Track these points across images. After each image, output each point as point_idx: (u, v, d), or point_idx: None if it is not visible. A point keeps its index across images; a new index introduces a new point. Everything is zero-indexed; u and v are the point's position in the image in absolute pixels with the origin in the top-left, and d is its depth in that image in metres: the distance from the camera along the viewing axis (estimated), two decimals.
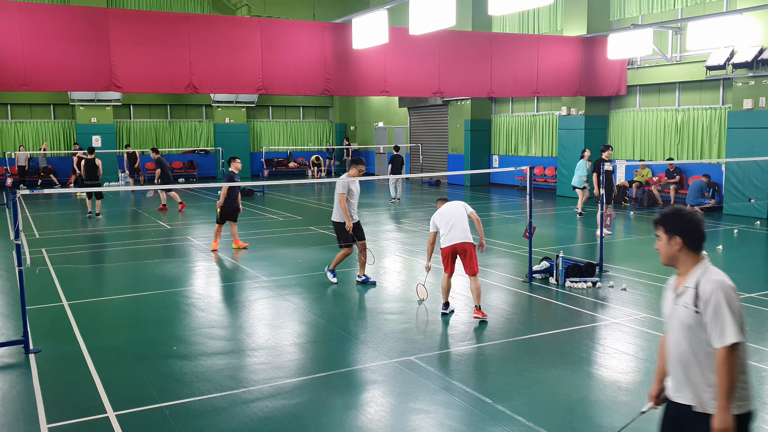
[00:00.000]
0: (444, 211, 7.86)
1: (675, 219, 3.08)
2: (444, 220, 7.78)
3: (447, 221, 7.74)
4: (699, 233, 3.08)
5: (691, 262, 3.08)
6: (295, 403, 5.44)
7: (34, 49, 12.84)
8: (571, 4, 20.02)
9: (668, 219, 3.09)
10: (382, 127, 31.33)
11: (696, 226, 3.07)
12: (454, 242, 7.64)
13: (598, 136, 20.34)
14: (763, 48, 15.21)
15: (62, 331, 7.40)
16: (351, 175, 9.30)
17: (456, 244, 7.63)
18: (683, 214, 3.09)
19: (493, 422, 4.99)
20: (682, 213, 3.09)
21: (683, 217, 3.07)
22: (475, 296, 7.64)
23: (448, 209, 7.85)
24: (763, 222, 14.87)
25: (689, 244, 3.06)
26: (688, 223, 3.06)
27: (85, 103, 26.93)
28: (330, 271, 9.59)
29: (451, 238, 7.66)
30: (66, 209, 19.34)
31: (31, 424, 5.07)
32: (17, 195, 6.39)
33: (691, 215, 3.09)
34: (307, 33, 15.51)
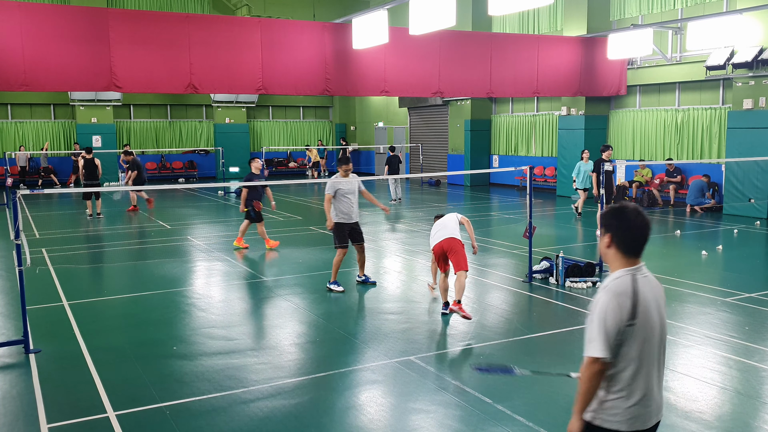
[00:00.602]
0: (436, 224, 8.12)
1: (612, 216, 2.90)
2: (435, 229, 8.01)
3: (437, 230, 7.96)
4: (631, 236, 2.85)
5: (618, 264, 2.90)
6: (295, 403, 5.44)
7: (34, 49, 12.84)
8: (571, 4, 20.02)
9: (607, 214, 2.92)
10: (382, 127, 31.33)
11: (629, 227, 2.85)
12: (440, 240, 7.75)
13: (598, 136, 20.34)
14: (763, 48, 15.21)
15: (62, 331, 7.40)
16: (340, 175, 9.16)
17: (442, 241, 7.72)
18: (621, 212, 2.88)
19: (493, 422, 4.99)
20: (619, 211, 2.88)
21: (620, 215, 2.87)
22: (456, 290, 7.45)
23: (440, 221, 8.10)
24: (763, 222, 14.87)
25: (619, 245, 2.87)
26: (622, 223, 2.86)
27: (85, 103, 26.93)
28: (333, 283, 9.15)
29: (438, 238, 7.81)
30: (66, 209, 19.34)
31: (31, 424, 5.07)
32: (17, 195, 6.39)
33: (629, 215, 2.86)
34: (307, 33, 15.51)
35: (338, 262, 9.08)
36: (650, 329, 2.86)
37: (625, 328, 2.79)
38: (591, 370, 2.84)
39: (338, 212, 9.00)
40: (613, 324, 2.78)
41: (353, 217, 9.07)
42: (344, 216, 9.01)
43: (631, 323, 2.79)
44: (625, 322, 2.78)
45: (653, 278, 2.97)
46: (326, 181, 10.00)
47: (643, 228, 2.87)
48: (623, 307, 2.78)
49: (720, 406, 5.27)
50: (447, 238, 7.70)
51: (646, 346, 2.85)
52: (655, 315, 2.89)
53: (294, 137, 32.29)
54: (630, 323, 2.79)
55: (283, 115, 32.48)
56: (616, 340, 2.80)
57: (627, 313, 2.78)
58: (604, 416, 2.90)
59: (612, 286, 2.84)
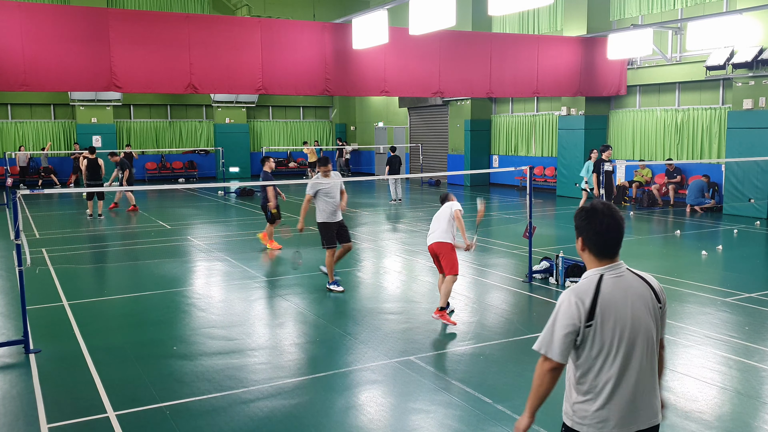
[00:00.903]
0: (433, 218, 7.89)
1: (581, 218, 2.84)
2: (432, 224, 7.79)
3: (432, 226, 7.73)
4: (601, 238, 2.79)
5: (591, 265, 2.85)
6: (295, 403, 5.44)
7: (34, 49, 12.84)
8: (571, 4, 20.02)
9: (577, 216, 2.86)
10: (382, 128, 31.33)
11: (598, 230, 2.79)
12: (430, 243, 7.61)
13: (598, 136, 20.34)
14: (763, 48, 15.21)
15: (62, 331, 7.40)
16: (321, 174, 9.11)
17: (432, 244, 7.57)
18: (590, 214, 2.82)
19: (493, 422, 4.99)
20: (589, 212, 2.82)
21: (589, 217, 2.81)
22: (441, 296, 7.41)
23: (435, 216, 7.80)
24: (763, 222, 14.87)
25: (590, 247, 2.82)
26: (592, 225, 2.80)
27: (85, 103, 26.93)
28: (332, 284, 9.10)
29: (429, 239, 7.65)
30: (66, 209, 19.34)
31: (31, 424, 5.07)
32: (17, 195, 6.40)
33: (598, 217, 2.79)
34: (307, 33, 15.51)
35: (330, 262, 9.04)
36: (620, 330, 2.74)
37: (583, 329, 2.73)
38: (540, 368, 2.87)
39: (322, 212, 8.96)
40: (563, 324, 2.74)
41: (338, 216, 9.05)
42: (329, 215, 8.97)
43: (588, 324, 2.72)
44: (581, 322, 2.72)
45: (632, 277, 2.86)
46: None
47: (613, 230, 2.79)
48: (579, 308, 2.73)
49: (720, 406, 5.27)
50: (434, 242, 7.51)
51: (616, 348, 2.74)
52: (627, 315, 2.76)
53: (294, 137, 32.28)
54: (588, 324, 2.72)
55: (283, 115, 32.49)
56: (567, 340, 2.74)
57: (584, 313, 2.72)
58: (575, 419, 2.88)
59: (575, 286, 2.81)
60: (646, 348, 2.80)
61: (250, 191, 22.42)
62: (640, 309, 2.80)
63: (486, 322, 7.65)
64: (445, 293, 7.35)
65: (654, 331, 2.83)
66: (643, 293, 2.85)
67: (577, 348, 2.78)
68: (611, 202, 13.47)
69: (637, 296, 2.82)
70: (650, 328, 2.82)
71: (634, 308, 2.79)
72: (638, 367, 2.78)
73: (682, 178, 18.21)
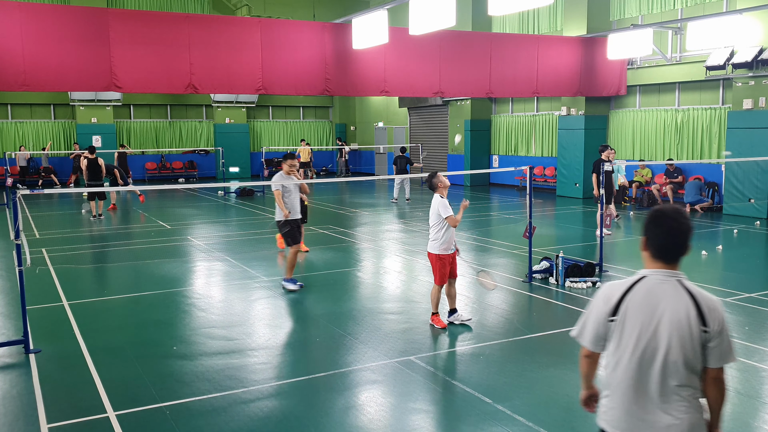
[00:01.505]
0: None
1: (649, 219, 2.81)
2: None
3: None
4: (661, 242, 2.75)
5: (645, 265, 2.84)
6: (295, 403, 5.44)
7: (34, 49, 12.83)
8: (571, 4, 20.02)
9: (647, 216, 2.85)
10: (382, 128, 31.32)
11: (660, 233, 2.75)
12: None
13: (598, 136, 20.34)
14: (763, 48, 15.21)
15: (62, 331, 7.40)
16: (284, 172, 9.23)
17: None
18: (657, 216, 2.78)
19: (493, 422, 4.99)
20: (656, 215, 2.78)
21: (655, 219, 2.78)
22: (431, 302, 7.46)
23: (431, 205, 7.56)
24: (763, 222, 14.87)
25: (650, 248, 2.79)
26: (656, 228, 2.76)
27: (85, 103, 26.93)
28: (288, 281, 9.09)
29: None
30: (66, 209, 19.34)
31: (31, 424, 5.07)
32: (17, 195, 6.40)
33: (664, 220, 2.74)
34: (307, 33, 15.51)
35: (291, 259, 9.07)
36: (637, 336, 2.70)
37: (607, 322, 2.78)
38: (580, 354, 2.99)
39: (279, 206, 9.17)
40: (593, 313, 2.84)
41: (297, 214, 9.27)
42: (292, 212, 9.17)
43: (611, 319, 2.77)
44: (606, 315, 2.78)
45: (678, 290, 2.71)
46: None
47: (674, 235, 2.71)
48: (609, 301, 2.78)
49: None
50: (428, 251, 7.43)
51: (630, 353, 2.72)
52: (651, 325, 2.68)
53: (294, 137, 32.28)
54: (611, 318, 2.77)
55: (283, 115, 32.48)
56: (595, 328, 2.83)
57: (610, 307, 2.76)
58: (600, 410, 2.96)
59: (616, 281, 2.86)
60: (670, 369, 2.68)
61: (250, 191, 22.42)
62: (668, 325, 2.67)
63: (486, 322, 7.65)
64: (431, 299, 7.44)
65: (680, 353, 2.66)
66: (680, 310, 2.68)
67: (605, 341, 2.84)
68: (611, 202, 13.48)
69: (671, 311, 2.68)
70: (674, 347, 2.66)
71: (662, 322, 2.68)
72: (655, 381, 2.70)
73: (683, 178, 18.21)
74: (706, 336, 2.66)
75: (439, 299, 7.41)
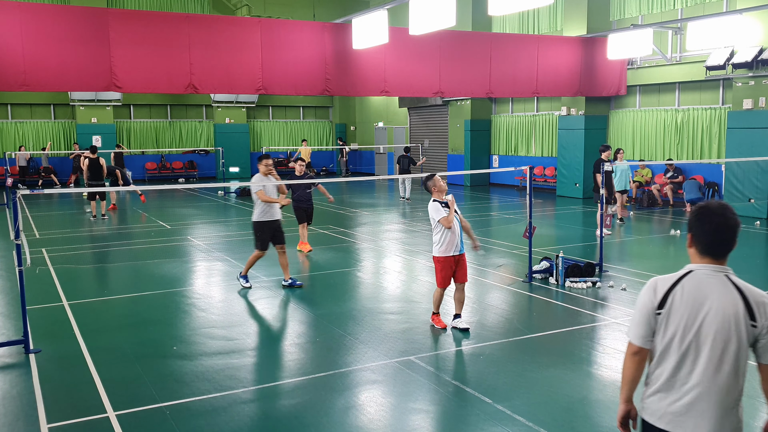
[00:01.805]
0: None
1: (693, 214, 2.82)
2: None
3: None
4: (704, 236, 2.75)
5: (692, 261, 2.86)
6: (295, 403, 5.44)
7: (34, 49, 12.83)
8: (571, 4, 20.02)
9: (691, 213, 2.85)
10: (382, 128, 31.32)
11: (706, 229, 2.74)
12: None
13: (598, 136, 20.34)
14: (763, 48, 15.21)
15: (62, 331, 7.40)
16: (261, 173, 9.27)
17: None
18: (702, 211, 2.78)
19: (493, 422, 4.99)
20: (701, 210, 2.79)
21: (700, 215, 2.78)
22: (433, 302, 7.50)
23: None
24: (763, 222, 14.87)
25: (696, 245, 2.80)
26: (701, 223, 2.76)
27: (85, 103, 26.93)
28: (242, 277, 9.34)
29: None
30: (66, 209, 19.34)
31: (31, 424, 5.07)
32: (17, 195, 6.40)
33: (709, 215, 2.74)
34: (307, 33, 15.51)
35: (253, 259, 9.23)
36: (683, 329, 2.70)
37: (654, 315, 2.76)
38: (627, 353, 2.89)
39: (261, 211, 9.11)
40: (641, 307, 2.81)
41: (276, 215, 9.22)
42: (264, 215, 9.10)
43: (658, 312, 2.75)
44: (653, 308, 2.76)
45: (726, 285, 2.72)
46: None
47: (721, 231, 2.71)
48: (656, 294, 2.77)
49: None
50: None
51: (678, 345, 2.72)
52: (698, 318, 2.68)
53: (294, 137, 32.28)
54: (658, 311, 2.75)
55: (283, 115, 32.49)
56: (643, 323, 2.79)
57: (658, 300, 2.76)
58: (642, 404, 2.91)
59: (662, 275, 2.84)
60: (717, 361, 2.68)
61: (250, 191, 22.39)
62: (717, 318, 2.67)
63: (486, 322, 7.65)
64: (434, 300, 7.43)
65: (732, 346, 2.67)
66: (728, 305, 2.69)
67: (654, 335, 2.79)
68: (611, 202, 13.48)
69: (719, 305, 2.69)
70: (721, 340, 2.67)
71: (709, 315, 2.68)
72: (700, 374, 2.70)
73: (683, 178, 18.21)
74: (754, 331, 2.67)
75: (440, 300, 7.38)
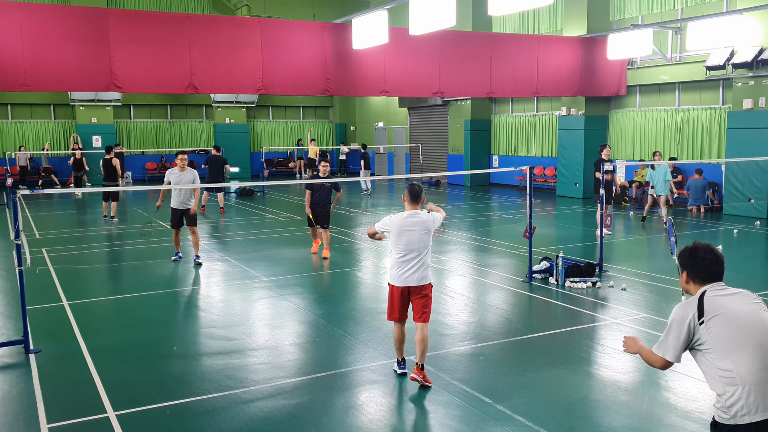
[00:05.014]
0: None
1: (686, 256, 3.27)
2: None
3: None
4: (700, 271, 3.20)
5: (695, 292, 3.23)
6: (295, 403, 5.44)
7: (34, 49, 12.83)
8: (571, 4, 20.02)
9: (682, 254, 3.31)
10: (382, 128, 31.32)
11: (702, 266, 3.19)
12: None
13: (598, 136, 20.34)
14: (763, 48, 15.21)
15: (62, 331, 7.40)
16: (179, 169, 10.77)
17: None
18: (690, 253, 3.25)
19: (493, 422, 4.99)
20: (689, 252, 3.25)
21: (690, 256, 3.25)
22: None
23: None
24: (763, 222, 14.87)
25: (695, 280, 3.23)
26: (696, 262, 3.21)
27: (85, 103, 26.93)
28: (176, 254, 11.23)
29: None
30: (66, 209, 19.34)
31: (31, 424, 5.07)
32: (17, 195, 6.40)
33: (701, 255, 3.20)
34: (307, 33, 15.51)
35: (177, 241, 11.34)
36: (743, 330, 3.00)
37: (697, 326, 3.07)
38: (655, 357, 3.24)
39: (172, 199, 10.93)
40: (677, 327, 3.12)
41: (186, 205, 10.91)
42: (176, 203, 10.89)
43: (701, 321, 3.06)
44: (694, 321, 3.07)
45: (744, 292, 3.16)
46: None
47: (715, 264, 3.18)
48: (688, 311, 3.10)
49: None
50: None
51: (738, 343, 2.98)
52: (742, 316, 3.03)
53: (294, 137, 32.27)
54: (700, 321, 3.06)
55: (283, 115, 32.48)
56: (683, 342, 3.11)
57: (693, 314, 3.08)
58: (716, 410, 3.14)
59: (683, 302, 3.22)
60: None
61: (250, 191, 22.42)
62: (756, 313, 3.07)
63: (486, 322, 7.65)
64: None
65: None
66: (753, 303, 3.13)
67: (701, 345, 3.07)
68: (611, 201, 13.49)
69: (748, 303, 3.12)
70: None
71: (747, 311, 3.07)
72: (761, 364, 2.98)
73: (683, 177, 18.21)
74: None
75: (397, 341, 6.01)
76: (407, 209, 5.82)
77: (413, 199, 5.81)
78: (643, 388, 5.63)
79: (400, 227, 5.70)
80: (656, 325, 7.34)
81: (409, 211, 5.78)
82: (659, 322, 7.43)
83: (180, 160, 10.84)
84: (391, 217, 5.82)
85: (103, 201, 16.61)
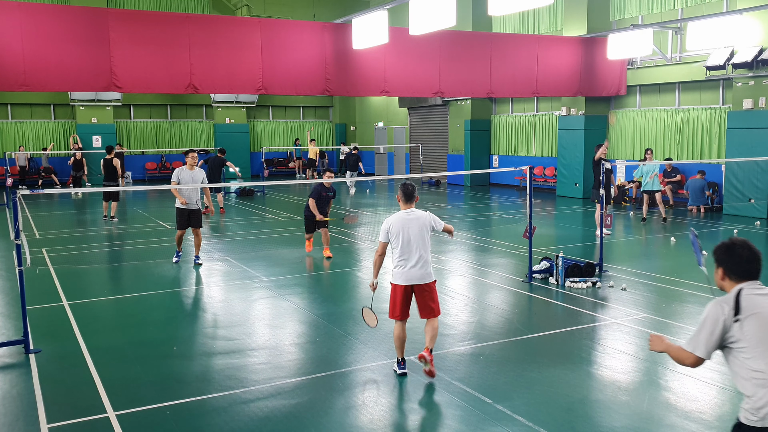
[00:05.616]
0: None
1: (723, 251, 3.27)
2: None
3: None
4: (737, 268, 3.19)
5: (731, 289, 3.21)
6: (295, 403, 5.44)
7: (34, 49, 12.83)
8: (571, 4, 20.02)
9: (718, 249, 3.29)
10: (382, 128, 31.32)
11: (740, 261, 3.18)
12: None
13: (598, 136, 20.33)
14: (763, 48, 15.21)
15: (62, 331, 7.40)
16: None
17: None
18: (727, 248, 3.23)
19: (493, 422, 4.99)
20: (726, 247, 3.24)
21: (730, 252, 3.23)
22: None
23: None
24: (763, 222, 14.87)
25: (731, 277, 3.22)
26: (733, 258, 3.20)
27: (85, 103, 26.93)
28: (177, 254, 11.04)
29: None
30: (66, 209, 19.34)
31: (31, 424, 5.07)
32: (17, 195, 6.39)
33: (738, 251, 3.19)
34: (307, 33, 15.51)
35: (179, 241, 11.07)
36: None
37: (732, 323, 3.05)
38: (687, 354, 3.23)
39: (178, 199, 10.67)
40: (709, 324, 3.10)
41: (192, 205, 10.73)
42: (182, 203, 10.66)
43: (736, 318, 3.04)
44: (729, 318, 3.06)
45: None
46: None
47: (753, 260, 3.17)
48: (724, 307, 3.08)
49: (720, 406, 5.27)
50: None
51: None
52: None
53: (294, 137, 32.27)
54: (735, 319, 3.05)
55: (283, 115, 32.48)
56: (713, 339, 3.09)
57: (729, 310, 3.07)
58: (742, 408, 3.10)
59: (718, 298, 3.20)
60: None
61: (250, 191, 22.42)
62: None
63: (486, 322, 7.65)
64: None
65: None
66: None
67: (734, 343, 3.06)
68: (611, 201, 13.48)
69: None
70: None
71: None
72: None
73: (682, 177, 18.21)
74: None
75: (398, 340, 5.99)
76: (402, 209, 5.88)
77: (407, 199, 5.88)
78: (643, 388, 5.63)
79: (398, 226, 5.76)
80: (656, 325, 7.35)
81: (404, 210, 5.84)
82: (659, 322, 7.44)
83: (191, 158, 10.68)
84: (386, 222, 5.86)
85: (104, 201, 16.60)
